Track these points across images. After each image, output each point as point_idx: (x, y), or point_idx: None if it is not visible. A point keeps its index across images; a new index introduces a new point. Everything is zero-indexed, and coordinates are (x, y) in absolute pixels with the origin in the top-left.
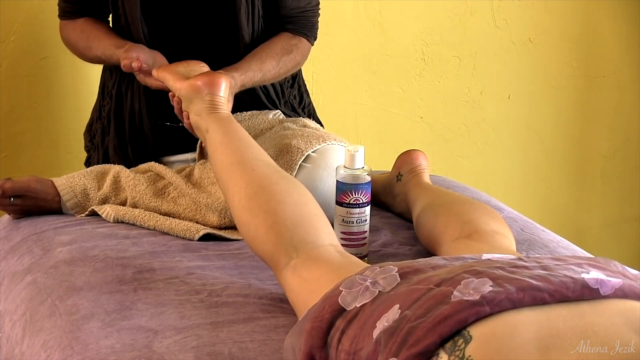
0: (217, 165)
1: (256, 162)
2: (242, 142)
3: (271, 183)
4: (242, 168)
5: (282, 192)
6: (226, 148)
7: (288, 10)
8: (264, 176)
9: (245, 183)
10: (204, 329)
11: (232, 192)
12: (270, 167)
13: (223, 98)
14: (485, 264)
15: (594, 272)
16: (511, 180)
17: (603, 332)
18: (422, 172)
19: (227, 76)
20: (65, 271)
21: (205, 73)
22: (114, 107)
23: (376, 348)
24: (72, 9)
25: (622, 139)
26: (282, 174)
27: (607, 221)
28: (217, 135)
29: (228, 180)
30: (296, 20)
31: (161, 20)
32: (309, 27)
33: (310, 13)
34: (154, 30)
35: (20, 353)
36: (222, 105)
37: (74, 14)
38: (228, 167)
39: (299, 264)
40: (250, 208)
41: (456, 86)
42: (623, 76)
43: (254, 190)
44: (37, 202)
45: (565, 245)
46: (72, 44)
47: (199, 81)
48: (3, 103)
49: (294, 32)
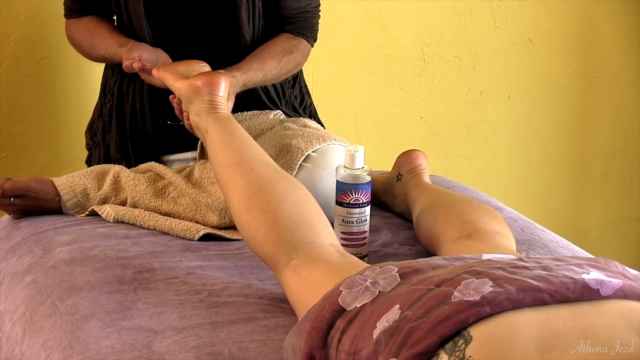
0: (217, 165)
1: (256, 162)
2: (241, 141)
3: (271, 183)
4: (241, 168)
5: (282, 192)
6: (225, 148)
7: (288, 11)
8: (263, 176)
9: (245, 183)
10: (204, 329)
11: (231, 192)
12: (270, 167)
13: (222, 98)
14: (486, 264)
15: (594, 273)
16: (511, 180)
17: (603, 332)
18: (422, 172)
19: (227, 76)
20: (65, 271)
21: (204, 73)
22: (116, 105)
23: (376, 348)
24: (77, 7)
25: (622, 139)
26: (282, 174)
27: (607, 221)
28: (217, 135)
29: (227, 180)
30: (296, 20)
31: (163, 19)
32: (308, 28)
33: (310, 14)
34: (156, 29)
35: (20, 353)
36: (221, 105)
37: (79, 12)
38: (227, 167)
39: (299, 264)
40: (249, 208)
41: (456, 86)
42: (623, 76)
43: (254, 190)
44: (37, 202)
45: (565, 245)
46: (76, 42)
47: (199, 81)
48: (3, 103)
49: (294, 33)
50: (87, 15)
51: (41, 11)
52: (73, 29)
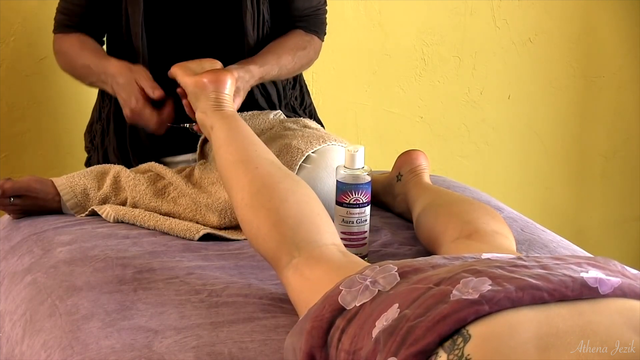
0: (221, 162)
1: (260, 160)
2: (245, 139)
3: (274, 181)
4: (245, 166)
5: (285, 190)
6: (230, 146)
7: (300, 11)
8: (267, 174)
9: (249, 181)
10: (204, 329)
11: (235, 189)
12: (273, 165)
13: (228, 96)
14: (485, 263)
15: (593, 271)
16: (511, 180)
17: (603, 331)
18: (422, 172)
19: (236, 72)
20: (65, 271)
21: (211, 70)
22: (114, 108)
23: (375, 347)
24: (70, 22)
25: (622, 139)
26: (286, 172)
27: (607, 221)
28: (221, 133)
29: (231, 177)
30: (308, 19)
31: (164, 25)
32: (319, 24)
33: (321, 11)
34: (157, 34)
35: (20, 353)
36: (226, 102)
37: (71, 27)
38: (231, 165)
39: (301, 262)
40: (252, 206)
41: (456, 86)
42: (623, 76)
43: (257, 188)
44: (37, 202)
45: (565, 245)
46: (63, 52)
47: (205, 78)
48: (3, 103)
49: (306, 30)
50: (78, 31)
51: (41, 11)
52: (60, 42)
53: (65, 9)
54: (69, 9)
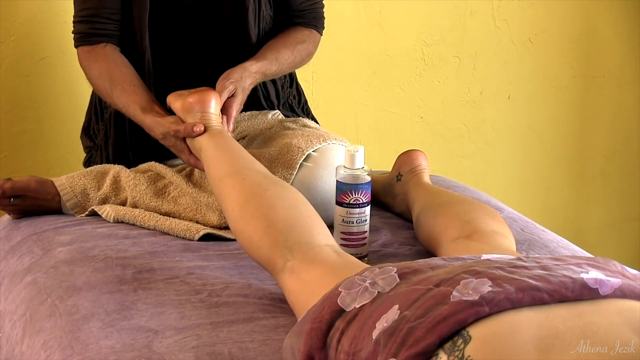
0: (212, 180)
1: (246, 171)
2: (232, 153)
3: (261, 190)
4: (232, 179)
5: (272, 197)
6: (217, 162)
7: (298, 5)
8: (254, 184)
9: (237, 193)
10: (204, 329)
11: (225, 203)
12: (260, 174)
13: (214, 115)
14: (485, 264)
15: (593, 272)
16: (511, 180)
17: (602, 332)
18: (422, 172)
19: (217, 92)
20: (65, 271)
21: (195, 90)
22: (114, 112)
23: (375, 349)
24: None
25: (622, 139)
26: (273, 180)
27: (607, 221)
28: (209, 151)
29: (221, 192)
30: (306, 13)
31: (169, 24)
32: (317, 18)
33: (318, 5)
34: (162, 35)
35: (20, 353)
36: (212, 121)
37: (92, 37)
38: (220, 180)
39: (296, 265)
40: (243, 216)
41: (456, 86)
42: (623, 76)
43: (246, 198)
44: (37, 202)
45: (565, 245)
46: (92, 79)
47: (191, 99)
48: (3, 103)
49: (305, 25)
50: (100, 40)
51: (41, 11)
52: (87, 61)
53: (81, 16)
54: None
